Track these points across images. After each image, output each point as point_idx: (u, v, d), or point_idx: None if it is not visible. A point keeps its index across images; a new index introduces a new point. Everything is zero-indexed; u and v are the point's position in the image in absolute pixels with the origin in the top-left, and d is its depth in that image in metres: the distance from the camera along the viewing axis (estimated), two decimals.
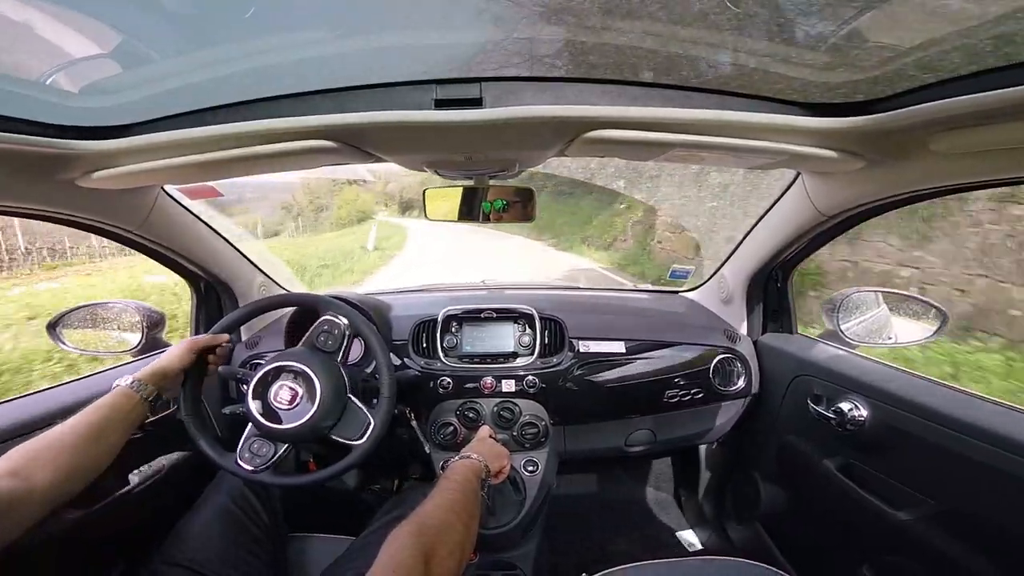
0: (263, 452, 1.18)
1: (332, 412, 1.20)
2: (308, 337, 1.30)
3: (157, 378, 1.11)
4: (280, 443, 1.19)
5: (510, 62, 0.98)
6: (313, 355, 1.25)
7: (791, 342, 1.67)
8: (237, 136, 0.93)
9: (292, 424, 1.16)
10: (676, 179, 6.60)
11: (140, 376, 1.09)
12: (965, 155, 0.88)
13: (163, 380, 1.13)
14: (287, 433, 1.17)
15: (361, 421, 1.22)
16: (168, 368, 1.15)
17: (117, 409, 1.02)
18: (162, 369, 1.13)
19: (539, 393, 1.63)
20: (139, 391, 1.07)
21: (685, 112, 0.89)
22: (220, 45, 0.99)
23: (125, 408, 1.03)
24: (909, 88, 0.81)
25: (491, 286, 2.21)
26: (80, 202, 1.14)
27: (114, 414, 1.01)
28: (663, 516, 2.18)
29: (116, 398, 1.04)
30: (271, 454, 1.18)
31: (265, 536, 1.23)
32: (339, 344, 1.28)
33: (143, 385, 1.08)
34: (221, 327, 1.31)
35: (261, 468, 1.17)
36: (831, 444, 1.41)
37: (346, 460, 1.21)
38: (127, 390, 1.06)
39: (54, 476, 0.85)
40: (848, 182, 1.15)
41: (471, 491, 1.02)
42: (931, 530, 1.12)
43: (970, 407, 1.07)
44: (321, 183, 28.45)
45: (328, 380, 1.20)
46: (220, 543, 1.14)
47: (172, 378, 1.16)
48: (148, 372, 1.11)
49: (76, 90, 0.97)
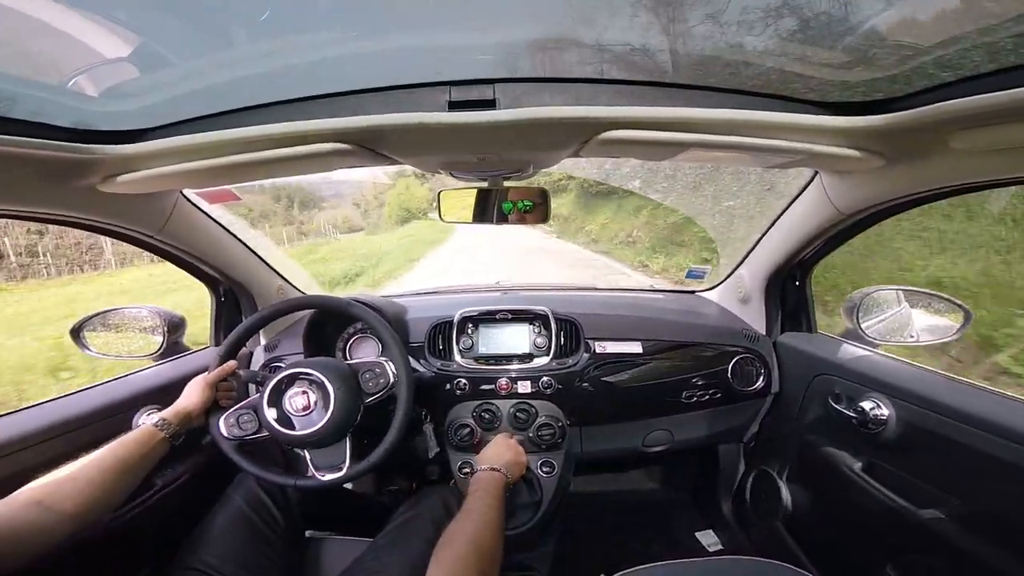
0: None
1: (347, 419, 1.21)
2: (353, 370, 1.32)
3: (181, 418, 1.18)
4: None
5: (524, 63, 0.98)
6: (329, 363, 1.26)
7: (811, 341, 1.65)
8: (255, 140, 0.93)
9: (305, 431, 1.18)
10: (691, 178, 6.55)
11: (166, 416, 1.15)
12: (986, 152, 0.86)
13: (187, 420, 1.20)
14: (299, 439, 1.19)
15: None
16: (192, 409, 1.21)
17: (142, 446, 1.07)
18: (186, 410, 1.20)
19: (555, 394, 1.62)
20: (163, 429, 1.12)
21: (701, 112, 0.89)
22: (236, 48, 1.00)
23: (149, 445, 1.08)
24: (928, 86, 0.80)
25: (506, 287, 2.21)
26: (100, 207, 1.16)
27: (139, 450, 1.06)
28: (681, 516, 2.16)
29: (141, 436, 1.09)
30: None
31: (281, 538, 1.25)
32: (381, 391, 1.30)
33: (167, 424, 1.14)
34: (238, 335, 1.34)
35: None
36: (853, 443, 1.39)
37: (361, 465, 1.22)
38: (152, 429, 1.11)
39: (76, 508, 0.90)
40: (867, 180, 1.14)
41: (502, 508, 1.08)
42: (956, 530, 1.10)
43: (995, 405, 1.05)
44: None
45: (343, 389, 1.21)
46: (236, 546, 1.16)
47: (196, 417, 1.23)
48: (172, 413, 1.17)
49: (96, 94, 0.99)
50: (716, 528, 2.05)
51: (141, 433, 1.09)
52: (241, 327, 1.36)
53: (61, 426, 1.18)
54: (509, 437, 1.48)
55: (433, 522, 1.27)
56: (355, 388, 1.26)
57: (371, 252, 16.65)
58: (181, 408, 1.19)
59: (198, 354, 1.66)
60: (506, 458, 1.29)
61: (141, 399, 1.38)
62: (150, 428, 1.11)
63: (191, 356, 1.63)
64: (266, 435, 1.24)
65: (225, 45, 0.99)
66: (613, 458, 1.83)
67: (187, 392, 1.24)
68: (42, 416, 1.17)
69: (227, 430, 1.25)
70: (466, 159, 1.14)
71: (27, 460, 1.11)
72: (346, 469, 1.22)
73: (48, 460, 1.15)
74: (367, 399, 1.28)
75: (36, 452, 1.13)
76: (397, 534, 1.24)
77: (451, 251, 15.94)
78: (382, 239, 22.04)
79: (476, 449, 1.61)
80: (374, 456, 1.24)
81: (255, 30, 0.94)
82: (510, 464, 1.28)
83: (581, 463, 1.75)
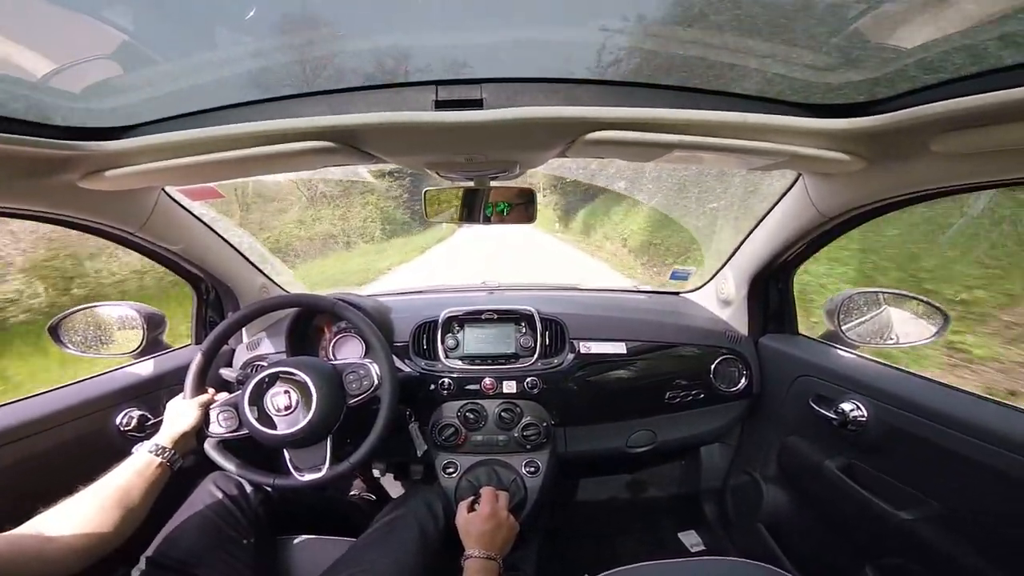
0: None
1: (328, 420, 1.20)
2: (338, 371, 1.31)
3: (177, 441, 1.15)
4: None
5: (511, 63, 0.98)
6: (312, 363, 1.25)
7: (792, 343, 1.67)
8: (238, 137, 0.92)
9: (286, 431, 1.17)
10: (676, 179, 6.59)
11: (161, 442, 1.13)
12: (967, 156, 0.87)
13: (184, 442, 1.18)
14: (279, 439, 1.18)
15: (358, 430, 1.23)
16: (186, 431, 1.18)
17: (139, 474, 1.05)
18: (181, 433, 1.17)
19: (540, 394, 1.63)
20: (160, 455, 1.10)
21: (686, 113, 0.89)
22: (221, 47, 0.99)
23: (146, 473, 1.06)
24: (910, 89, 0.81)
25: (492, 287, 2.21)
26: (81, 204, 1.14)
27: (138, 480, 1.04)
28: (664, 517, 2.17)
29: (138, 464, 1.07)
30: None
31: (248, 539, 1.23)
32: (365, 392, 1.29)
33: (164, 449, 1.12)
34: (220, 332, 1.33)
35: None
36: (833, 445, 1.41)
37: (342, 466, 1.22)
38: (149, 456, 1.09)
39: (80, 542, 0.89)
40: (849, 183, 1.15)
41: None
42: (934, 530, 1.12)
43: (971, 407, 1.07)
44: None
45: (326, 389, 1.20)
46: (203, 545, 1.15)
47: (191, 438, 1.20)
48: (168, 438, 1.15)
49: (77, 91, 0.97)
50: (699, 529, 2.07)
51: (138, 462, 1.07)
52: (224, 324, 1.35)
53: (37, 424, 1.16)
54: (495, 500, 1.34)
55: (417, 522, 1.27)
56: (338, 389, 1.25)
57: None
58: (176, 432, 1.17)
59: (179, 352, 1.64)
60: (499, 540, 1.23)
61: (120, 396, 1.36)
62: (146, 455, 1.09)
63: (172, 353, 1.61)
64: (246, 433, 1.23)
65: (210, 43, 0.98)
66: (597, 458, 1.83)
67: (177, 414, 1.22)
68: (17, 413, 1.15)
69: (207, 427, 1.24)
70: (452, 159, 1.13)
71: (2, 458, 1.09)
72: (325, 470, 1.21)
73: (24, 458, 1.13)
74: (351, 400, 1.27)
75: (12, 450, 1.11)
76: (381, 534, 1.24)
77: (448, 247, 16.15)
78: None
79: (460, 448, 1.60)
80: (355, 457, 1.23)
81: (240, 28, 0.93)
82: (505, 545, 1.24)
83: (565, 463, 1.76)
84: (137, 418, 1.35)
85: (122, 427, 1.33)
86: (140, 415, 1.36)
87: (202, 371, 1.30)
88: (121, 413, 1.34)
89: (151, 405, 1.41)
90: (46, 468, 1.18)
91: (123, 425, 1.34)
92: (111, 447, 1.31)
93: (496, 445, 1.62)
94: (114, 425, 1.33)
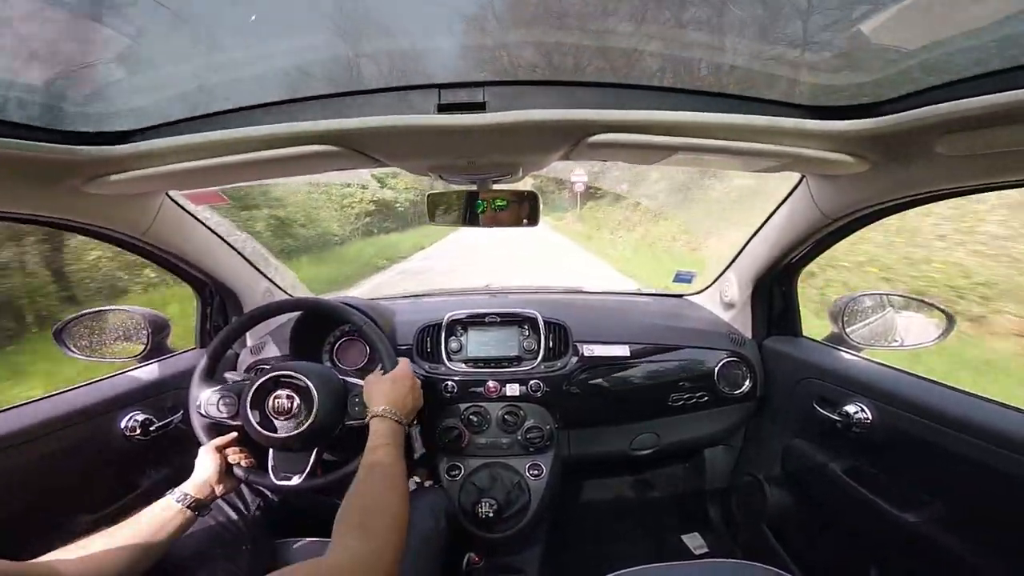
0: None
1: (323, 432, 1.20)
2: (346, 388, 1.29)
3: (200, 488, 1.15)
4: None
5: (513, 66, 0.98)
6: (320, 371, 1.25)
7: (796, 345, 1.67)
8: (241, 141, 0.93)
9: (286, 434, 1.17)
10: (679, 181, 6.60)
11: (187, 490, 1.13)
12: (971, 157, 0.87)
13: (209, 489, 1.17)
14: (280, 441, 1.18)
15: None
16: (210, 478, 1.18)
17: (163, 522, 1.05)
18: (205, 481, 1.17)
19: (544, 397, 1.62)
20: (182, 502, 1.10)
21: (689, 115, 0.89)
22: (224, 50, 0.99)
23: (167, 519, 1.06)
24: (914, 90, 0.81)
25: (495, 289, 2.21)
26: (85, 208, 1.14)
27: (158, 525, 1.04)
28: (668, 519, 2.17)
29: (163, 512, 1.07)
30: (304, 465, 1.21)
31: (247, 543, 1.24)
32: (362, 420, 1.24)
33: (189, 497, 1.11)
34: (224, 337, 1.33)
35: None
36: (837, 447, 1.40)
37: (315, 480, 1.21)
38: (173, 503, 1.09)
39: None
40: (853, 185, 1.15)
41: (398, 461, 1.06)
42: (939, 532, 1.11)
43: (975, 409, 1.07)
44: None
45: (329, 401, 1.20)
46: (200, 552, 1.15)
47: (215, 483, 1.19)
48: (193, 486, 1.15)
49: (81, 96, 0.98)
50: (702, 531, 2.06)
51: (162, 510, 1.07)
52: (228, 329, 1.35)
53: (42, 427, 1.16)
54: (407, 365, 1.32)
55: (419, 525, 1.27)
56: (341, 405, 1.24)
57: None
58: (200, 480, 1.16)
59: (183, 355, 1.64)
60: (408, 403, 1.22)
61: (124, 400, 1.36)
62: (170, 503, 1.09)
63: (176, 357, 1.61)
64: (238, 423, 1.22)
65: (214, 47, 0.99)
66: (600, 461, 1.83)
67: (201, 462, 1.21)
68: (22, 417, 1.15)
69: (205, 407, 1.24)
70: (455, 162, 1.13)
71: (5, 463, 1.09)
72: (298, 480, 1.20)
73: (29, 461, 1.13)
74: (349, 421, 1.25)
75: (18, 453, 1.11)
76: None
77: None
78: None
79: (462, 452, 1.60)
80: (331, 476, 1.22)
81: (244, 32, 0.94)
82: (410, 413, 1.22)
83: (569, 466, 1.75)
84: (141, 422, 1.35)
85: (127, 431, 1.33)
86: (145, 419, 1.36)
87: (207, 374, 1.30)
88: (126, 417, 1.34)
89: (156, 409, 1.41)
90: (51, 471, 1.18)
91: (127, 429, 1.33)
92: (115, 450, 1.32)
93: (500, 448, 1.62)
94: (118, 429, 1.33)
